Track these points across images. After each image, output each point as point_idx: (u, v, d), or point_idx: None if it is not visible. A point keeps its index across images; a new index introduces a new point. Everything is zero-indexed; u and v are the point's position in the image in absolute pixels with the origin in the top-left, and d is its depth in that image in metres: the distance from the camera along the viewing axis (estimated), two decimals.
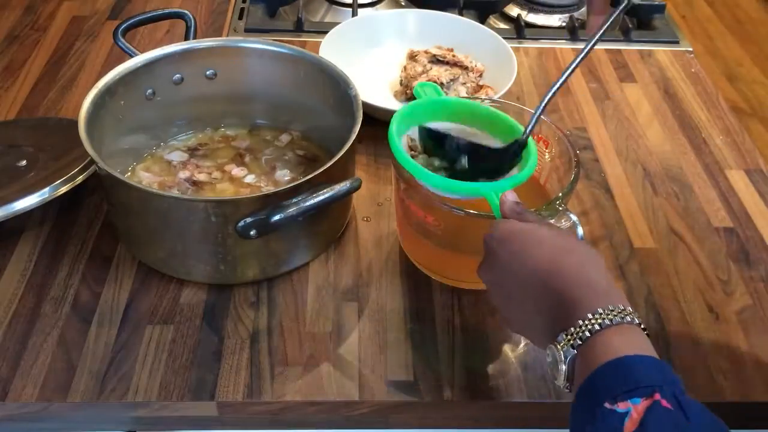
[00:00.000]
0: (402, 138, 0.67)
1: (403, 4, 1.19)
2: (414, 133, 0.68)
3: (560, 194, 0.64)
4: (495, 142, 0.68)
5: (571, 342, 0.48)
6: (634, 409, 0.42)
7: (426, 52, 0.96)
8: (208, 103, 0.84)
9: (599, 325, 0.47)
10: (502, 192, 0.60)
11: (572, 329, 0.48)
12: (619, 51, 1.09)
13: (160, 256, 0.71)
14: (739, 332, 0.69)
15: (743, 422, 0.66)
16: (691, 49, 1.11)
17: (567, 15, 1.16)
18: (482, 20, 1.13)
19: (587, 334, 0.47)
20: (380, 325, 0.68)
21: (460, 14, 1.13)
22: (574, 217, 0.62)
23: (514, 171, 0.65)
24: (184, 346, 0.66)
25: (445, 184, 0.63)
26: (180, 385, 0.63)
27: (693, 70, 1.06)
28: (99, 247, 0.75)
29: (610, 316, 0.47)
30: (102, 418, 0.63)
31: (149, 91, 0.79)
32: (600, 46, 1.10)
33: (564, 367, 0.48)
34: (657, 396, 0.42)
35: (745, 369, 0.66)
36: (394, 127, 0.67)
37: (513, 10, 1.17)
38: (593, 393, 0.45)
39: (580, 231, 0.62)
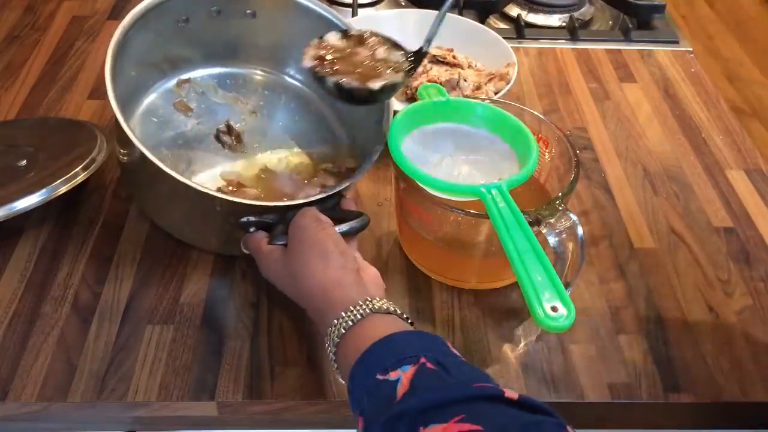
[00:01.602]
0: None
1: (403, 4, 1.19)
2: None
3: (560, 194, 0.64)
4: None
5: (336, 333, 0.54)
6: (404, 375, 0.47)
7: (426, 52, 0.95)
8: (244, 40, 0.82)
9: (359, 315, 0.53)
10: (500, 192, 0.60)
11: (335, 321, 0.54)
12: (619, 51, 1.09)
13: (172, 224, 0.73)
14: (739, 332, 0.69)
15: (743, 422, 0.66)
16: (691, 49, 1.11)
17: (567, 15, 1.16)
18: (482, 20, 1.13)
19: (349, 323, 0.53)
20: None
21: (460, 14, 1.13)
22: (574, 217, 0.62)
23: (513, 169, 0.66)
24: (184, 346, 0.66)
25: (444, 186, 0.63)
26: (180, 385, 0.63)
27: (693, 70, 1.06)
28: (99, 247, 0.75)
29: (364, 308, 0.54)
30: (102, 418, 0.63)
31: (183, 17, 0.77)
32: (600, 46, 1.10)
33: (332, 357, 0.55)
34: (422, 360, 0.48)
35: (745, 369, 0.66)
36: (393, 128, 0.67)
37: (513, 10, 1.17)
38: (365, 369, 0.50)
39: (580, 231, 0.62)
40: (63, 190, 0.72)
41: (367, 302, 0.54)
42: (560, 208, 0.63)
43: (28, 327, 0.67)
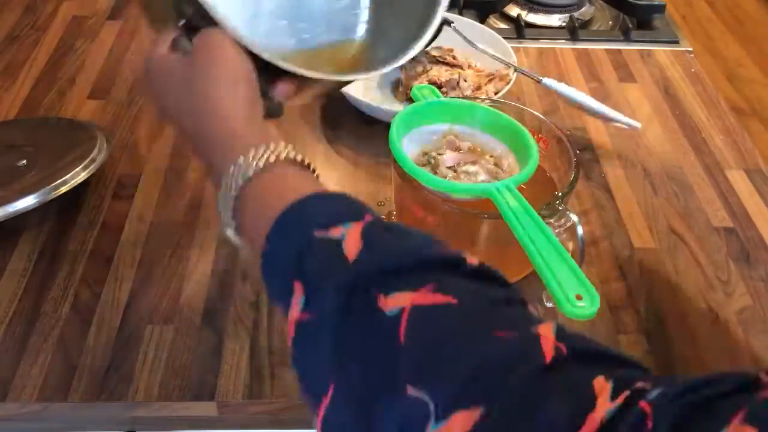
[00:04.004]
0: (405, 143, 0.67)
1: None
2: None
3: (560, 194, 0.65)
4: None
5: (243, 174, 0.45)
6: (348, 232, 0.40)
7: (426, 52, 0.95)
8: None
9: (273, 156, 0.45)
10: (509, 189, 0.60)
11: (242, 159, 0.45)
12: (619, 51, 1.09)
13: None
14: (739, 332, 0.69)
15: None
16: (691, 49, 1.11)
17: (567, 15, 1.16)
18: (482, 20, 1.13)
19: (260, 164, 0.45)
20: None
21: (460, 14, 1.13)
22: (574, 217, 0.62)
23: (514, 169, 0.66)
24: (184, 346, 0.66)
25: (446, 186, 0.63)
26: (180, 385, 0.63)
27: (693, 70, 1.06)
28: (99, 247, 0.75)
29: (278, 150, 0.45)
30: (102, 418, 0.63)
31: None
32: (600, 46, 1.10)
33: (231, 204, 0.46)
34: (368, 217, 0.42)
35: (745, 369, 0.66)
36: (394, 128, 0.67)
37: (513, 10, 1.17)
38: (297, 224, 0.42)
39: (580, 231, 0.62)
40: (63, 190, 0.72)
41: (281, 147, 0.46)
42: (560, 208, 0.63)
43: (28, 327, 0.67)
